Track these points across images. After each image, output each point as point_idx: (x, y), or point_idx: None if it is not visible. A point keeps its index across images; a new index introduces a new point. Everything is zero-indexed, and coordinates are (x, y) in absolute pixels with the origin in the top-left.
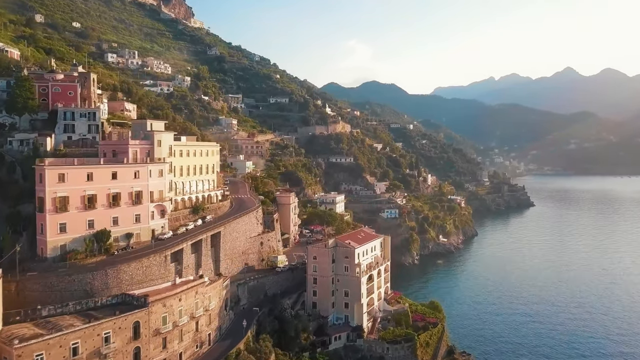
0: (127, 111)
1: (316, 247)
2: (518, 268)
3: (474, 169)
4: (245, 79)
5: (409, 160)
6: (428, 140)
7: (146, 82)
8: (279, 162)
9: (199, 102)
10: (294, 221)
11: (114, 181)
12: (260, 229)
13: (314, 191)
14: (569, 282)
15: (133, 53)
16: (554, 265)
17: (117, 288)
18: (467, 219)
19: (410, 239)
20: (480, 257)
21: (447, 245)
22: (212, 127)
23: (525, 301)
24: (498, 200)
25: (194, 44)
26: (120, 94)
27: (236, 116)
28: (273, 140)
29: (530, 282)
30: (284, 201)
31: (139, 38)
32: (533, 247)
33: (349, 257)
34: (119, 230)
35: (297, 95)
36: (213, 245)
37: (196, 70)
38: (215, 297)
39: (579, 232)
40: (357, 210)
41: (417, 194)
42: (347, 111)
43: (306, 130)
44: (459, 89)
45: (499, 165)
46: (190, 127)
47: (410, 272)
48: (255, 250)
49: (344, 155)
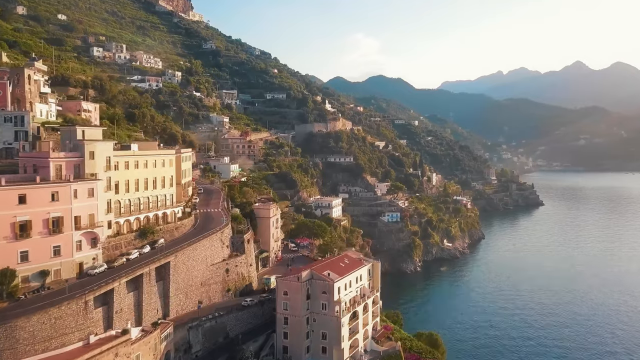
0: (86, 112)
1: (287, 280)
2: (527, 277)
3: (480, 167)
4: (242, 74)
5: (413, 158)
6: (433, 137)
7: (134, 77)
8: (273, 163)
9: (190, 99)
10: (276, 236)
11: (22, 206)
12: (226, 253)
13: (309, 194)
14: (585, 294)
15: (120, 47)
16: (567, 274)
17: (10, 352)
18: (474, 221)
19: (412, 245)
20: (487, 264)
21: (451, 250)
22: (202, 126)
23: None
24: (506, 200)
25: (189, 37)
26: (91, 91)
27: (229, 113)
28: (267, 138)
29: (542, 295)
30: (262, 214)
31: (130, 31)
32: (543, 251)
33: (327, 292)
34: (30, 268)
35: (295, 91)
36: (161, 279)
37: (189, 64)
38: (148, 354)
39: (591, 235)
40: (357, 214)
41: (420, 194)
42: (350, 107)
43: (304, 128)
44: (467, 84)
45: (507, 161)
46: (171, 127)
47: (411, 280)
48: (219, 280)
49: (344, 155)
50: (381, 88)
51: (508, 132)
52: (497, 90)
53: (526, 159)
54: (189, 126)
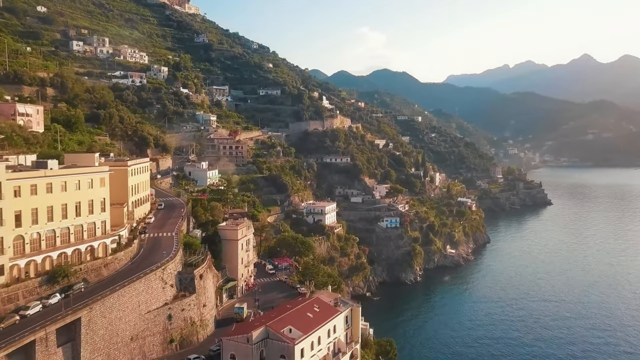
0: (23, 116)
1: (234, 340)
2: (536, 287)
3: (486, 165)
4: (234, 69)
5: (415, 157)
6: (437, 134)
7: (115, 73)
8: (263, 165)
9: (175, 96)
10: (246, 261)
11: None
12: (169, 295)
13: (302, 198)
14: (601, 306)
15: (103, 40)
16: (579, 284)
17: None
18: (479, 224)
19: (413, 253)
20: (493, 272)
21: (455, 257)
22: (187, 125)
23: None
24: (512, 199)
25: (180, 30)
26: (50, 90)
27: (218, 111)
28: (259, 138)
29: (553, 309)
30: (229, 236)
31: (117, 24)
32: (552, 257)
33: (286, 356)
34: None
35: (290, 87)
36: (70, 340)
37: (178, 59)
38: None
39: (603, 238)
40: (353, 219)
41: (422, 197)
42: (351, 102)
43: (298, 127)
44: (473, 77)
45: (513, 157)
46: (143, 128)
47: (411, 292)
48: (158, 330)
49: (340, 155)
50: (386, 82)
51: (515, 126)
52: (503, 84)
53: (533, 155)
54: (172, 126)
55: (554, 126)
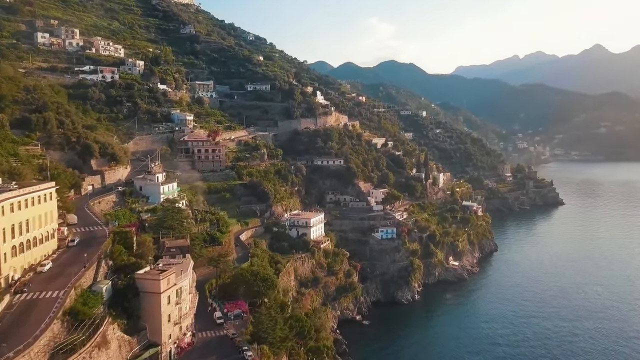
0: None
1: None
2: (548, 305)
3: (494, 162)
4: (221, 62)
5: (417, 157)
6: (443, 129)
7: (84, 67)
8: (243, 170)
9: (150, 93)
10: (176, 317)
11: None
12: None
13: (286, 207)
14: (623, 330)
15: (72, 32)
16: (597, 302)
17: None
18: (485, 231)
19: (410, 268)
20: (500, 287)
21: (458, 270)
22: (159, 126)
23: None
24: (522, 199)
25: (166, 21)
26: None
27: (199, 109)
28: (242, 138)
29: (567, 332)
30: (150, 287)
31: (96, 14)
32: (565, 267)
33: None
34: None
35: (281, 81)
36: None
37: (159, 52)
38: None
39: (623, 243)
40: (345, 229)
41: (423, 202)
42: (352, 96)
43: (288, 125)
44: (482, 68)
45: (523, 151)
46: (87, 135)
47: (406, 314)
48: None
49: (333, 157)
50: (392, 74)
51: (524, 119)
52: (512, 76)
53: (543, 149)
54: (142, 127)
55: (564, 119)
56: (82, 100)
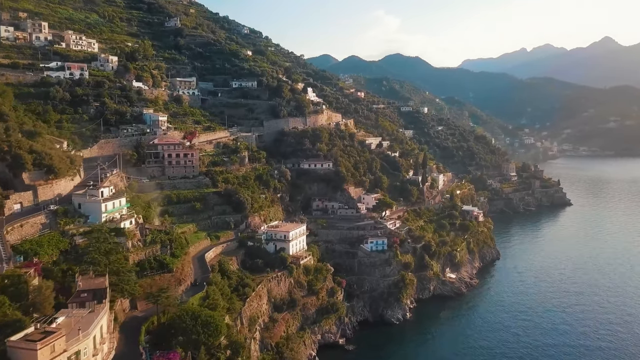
0: None
1: None
2: (554, 327)
3: (499, 161)
4: (205, 57)
5: (415, 157)
6: (445, 126)
7: (50, 64)
8: (219, 176)
9: (123, 91)
10: None
11: None
12: None
13: (265, 217)
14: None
15: (39, 25)
16: (610, 320)
17: None
18: (486, 237)
19: (402, 283)
20: (501, 302)
21: (455, 283)
22: (128, 128)
23: None
24: (527, 200)
25: (150, 13)
26: None
27: (177, 108)
28: (222, 140)
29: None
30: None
31: (73, 6)
32: (574, 276)
33: None
34: None
35: (269, 77)
36: None
37: (137, 46)
38: None
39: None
40: (332, 239)
41: (419, 207)
42: (351, 92)
43: (275, 125)
44: (488, 62)
45: (530, 146)
46: (20, 143)
47: (395, 336)
48: None
49: (322, 159)
50: (397, 67)
51: (531, 113)
52: (520, 69)
53: (550, 144)
54: (109, 129)
55: (572, 113)
56: (42, 100)
